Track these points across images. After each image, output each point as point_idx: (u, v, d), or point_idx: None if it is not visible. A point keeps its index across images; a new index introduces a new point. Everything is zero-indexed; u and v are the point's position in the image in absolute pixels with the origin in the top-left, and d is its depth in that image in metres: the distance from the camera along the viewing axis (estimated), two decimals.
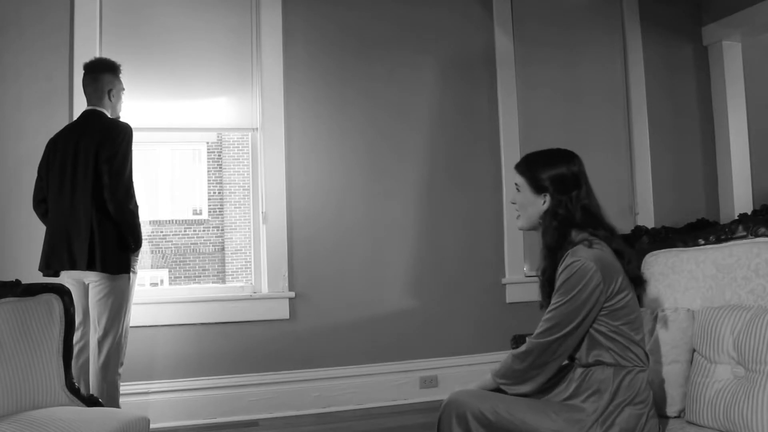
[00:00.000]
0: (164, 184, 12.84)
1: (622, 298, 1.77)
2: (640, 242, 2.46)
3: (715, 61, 4.61)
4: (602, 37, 4.48)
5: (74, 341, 2.43)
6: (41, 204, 2.96)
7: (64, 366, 2.21)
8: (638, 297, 1.88)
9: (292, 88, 3.78)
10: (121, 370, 2.87)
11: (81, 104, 3.07)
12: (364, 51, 3.94)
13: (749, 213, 2.23)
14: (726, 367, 1.82)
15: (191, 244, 12.89)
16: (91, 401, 2.25)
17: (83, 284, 2.85)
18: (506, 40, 4.21)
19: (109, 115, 2.95)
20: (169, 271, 12.57)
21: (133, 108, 3.41)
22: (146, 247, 7.04)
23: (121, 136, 2.81)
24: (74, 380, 2.26)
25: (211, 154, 13.32)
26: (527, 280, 4.03)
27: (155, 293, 5.44)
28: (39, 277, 2.73)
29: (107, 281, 2.78)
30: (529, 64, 4.28)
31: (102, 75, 2.95)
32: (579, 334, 1.77)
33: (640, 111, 4.45)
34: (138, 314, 3.24)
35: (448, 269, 3.98)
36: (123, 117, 3.05)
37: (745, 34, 4.47)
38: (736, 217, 2.19)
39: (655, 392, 1.86)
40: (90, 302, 2.83)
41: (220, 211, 13.16)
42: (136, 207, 2.85)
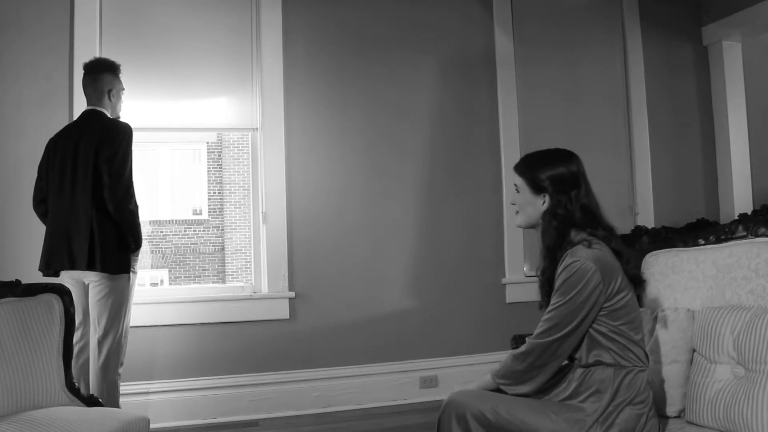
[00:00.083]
0: (164, 184, 12.84)
1: (621, 298, 1.77)
2: (640, 242, 2.46)
3: (715, 61, 4.61)
4: (602, 37, 4.48)
5: (74, 341, 2.43)
6: (41, 204, 2.96)
7: (64, 366, 2.20)
8: (638, 297, 1.88)
9: (292, 88, 3.78)
10: (121, 370, 2.87)
11: (81, 104, 3.07)
12: (364, 51, 3.94)
13: (749, 213, 2.24)
14: (726, 367, 1.82)
15: (191, 244, 12.89)
16: (91, 401, 2.25)
17: (83, 284, 2.85)
18: (506, 40, 4.21)
19: (109, 115, 2.95)
20: (169, 271, 12.57)
21: (133, 108, 3.41)
22: (146, 247, 7.04)
23: (121, 136, 2.81)
24: (74, 380, 2.26)
25: (211, 154, 13.32)
26: (527, 280, 4.03)
27: (155, 293, 5.44)
28: (39, 277, 2.73)
29: (107, 281, 2.78)
30: (529, 64, 4.28)
31: (102, 75, 2.95)
32: (579, 335, 1.77)
33: (640, 111, 4.45)
34: (138, 314, 3.24)
35: (448, 269, 3.98)
36: (123, 117, 3.05)
37: (745, 34, 4.47)
38: (736, 217, 2.19)
39: (655, 392, 1.86)
40: (90, 302, 2.83)
41: (220, 211, 13.16)
42: (136, 207, 2.84)
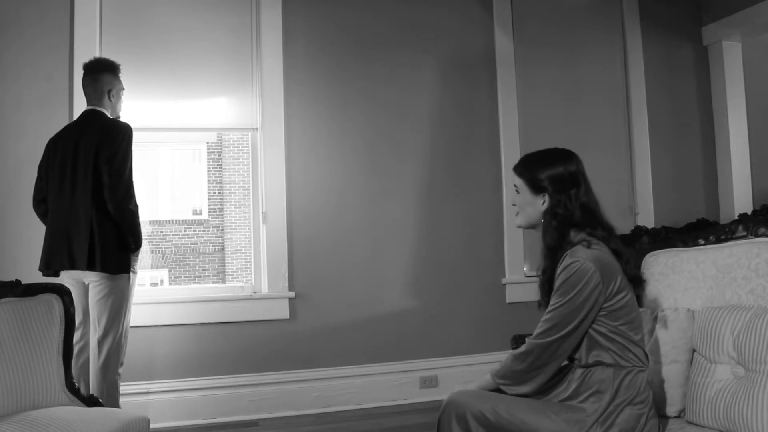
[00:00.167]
0: (164, 184, 12.84)
1: (621, 299, 1.77)
2: (640, 242, 2.46)
3: (715, 61, 4.61)
4: (602, 37, 4.48)
5: (74, 341, 2.43)
6: (41, 204, 2.96)
7: (64, 366, 2.20)
8: (637, 297, 1.88)
9: (292, 88, 3.78)
10: (121, 370, 2.87)
11: (81, 104, 3.07)
12: (364, 51, 3.94)
13: (749, 213, 2.24)
14: (726, 367, 1.82)
15: (191, 244, 12.89)
16: (91, 401, 2.25)
17: (83, 284, 2.85)
18: (506, 40, 4.21)
19: (109, 115, 2.95)
20: (169, 271, 12.57)
21: (133, 108, 3.41)
22: (146, 247, 7.04)
23: (121, 136, 2.81)
24: (74, 380, 2.26)
25: (211, 154, 13.32)
26: (527, 280, 4.03)
27: (155, 293, 5.44)
28: (39, 277, 2.73)
29: (107, 281, 2.78)
30: (529, 64, 4.28)
31: (102, 75, 2.94)
32: (578, 335, 1.77)
33: (640, 111, 4.45)
34: (138, 314, 3.24)
35: (448, 269, 3.98)
36: (123, 117, 3.05)
37: (745, 34, 4.47)
38: (736, 217, 2.19)
39: (655, 392, 1.86)
40: (90, 302, 2.83)
41: (220, 211, 13.16)
42: (136, 207, 2.84)
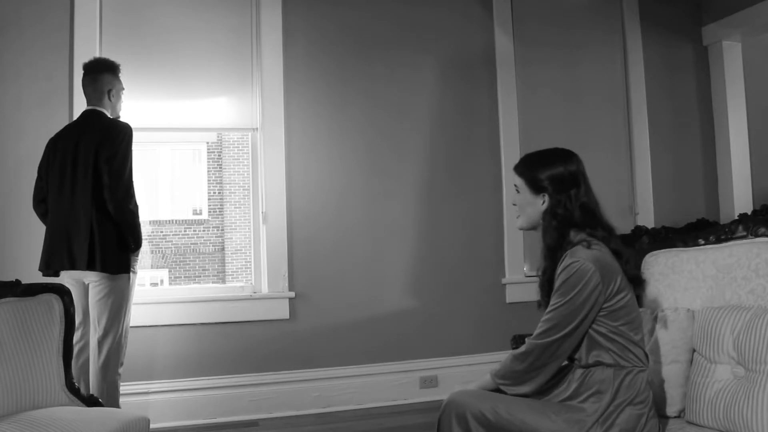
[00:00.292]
0: (164, 184, 12.84)
1: (621, 299, 1.77)
2: (640, 242, 2.46)
3: (715, 61, 4.61)
4: (602, 37, 4.48)
5: (74, 341, 2.43)
6: (41, 204, 2.96)
7: (64, 366, 2.20)
8: (637, 297, 1.88)
9: (292, 88, 3.78)
10: (121, 370, 2.87)
11: (81, 104, 3.07)
12: (364, 51, 3.94)
13: (749, 213, 2.23)
14: (726, 367, 1.82)
15: (191, 244, 12.89)
16: (91, 401, 2.25)
17: (83, 284, 2.85)
18: (506, 40, 4.21)
19: (109, 115, 2.95)
20: (169, 271, 12.57)
21: (133, 108, 3.41)
22: (146, 247, 7.04)
23: (121, 136, 2.81)
24: (74, 380, 2.26)
25: (211, 154, 13.32)
26: (527, 280, 4.03)
27: (155, 293, 5.44)
28: (39, 277, 2.73)
29: (107, 281, 2.78)
30: (529, 64, 4.28)
31: (101, 75, 2.94)
32: (578, 335, 1.77)
33: (640, 111, 4.45)
34: (138, 314, 3.24)
35: (448, 269, 3.98)
36: (123, 117, 3.05)
37: (745, 34, 4.47)
38: (736, 217, 2.19)
39: (655, 392, 1.86)
40: (90, 302, 2.83)
41: (220, 211, 13.16)
42: (136, 207, 2.84)
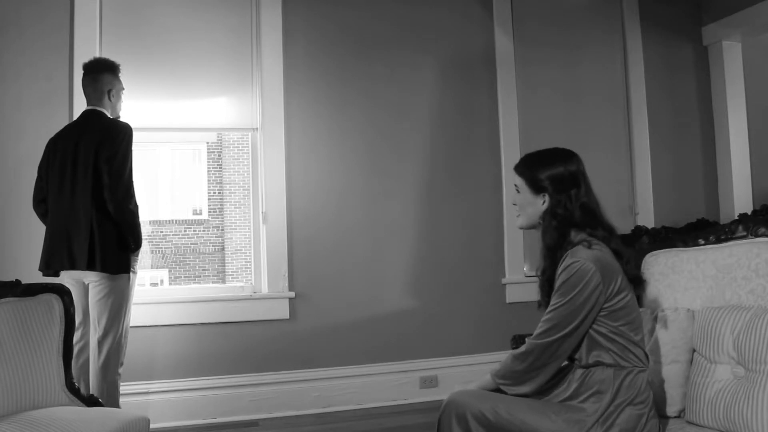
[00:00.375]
0: (164, 184, 12.84)
1: (621, 299, 1.77)
2: (640, 242, 2.46)
3: (715, 61, 4.61)
4: (602, 37, 4.48)
5: (74, 341, 2.43)
6: (41, 204, 2.96)
7: (64, 366, 2.20)
8: (638, 297, 1.88)
9: (292, 88, 3.78)
10: (121, 370, 2.87)
11: (81, 104, 3.07)
12: (364, 51, 3.94)
13: (749, 213, 2.23)
14: (726, 367, 1.82)
15: (191, 244, 12.89)
16: (91, 401, 2.25)
17: (83, 284, 2.85)
18: (506, 40, 4.21)
19: (109, 115, 2.95)
20: (169, 271, 12.57)
21: (133, 108, 3.41)
22: (146, 247, 7.04)
23: (121, 136, 2.81)
24: (74, 380, 2.26)
25: (211, 154, 13.32)
26: (527, 280, 4.03)
27: (155, 293, 5.44)
28: (39, 277, 2.73)
29: (107, 281, 2.78)
30: (529, 64, 4.28)
31: (101, 75, 2.94)
32: (578, 335, 1.77)
33: (640, 111, 4.45)
34: (138, 314, 3.24)
35: (448, 269, 3.98)
36: (123, 117, 3.04)
37: (745, 34, 4.47)
38: (736, 217, 2.19)
39: (655, 392, 1.86)
40: (90, 302, 2.83)
41: (220, 211, 13.16)
42: (136, 207, 2.84)
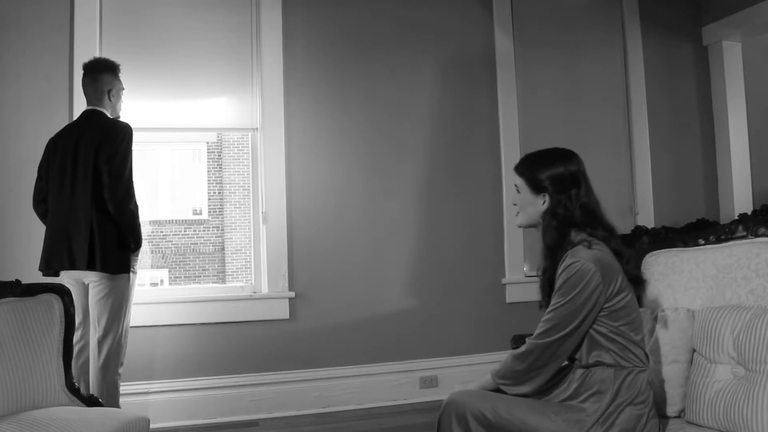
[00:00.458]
0: (164, 184, 12.84)
1: (621, 299, 1.77)
2: (640, 242, 2.46)
3: (715, 61, 4.61)
4: (602, 37, 4.48)
5: (74, 341, 2.43)
6: (41, 204, 2.96)
7: (64, 366, 2.20)
8: (638, 297, 1.88)
9: (292, 88, 3.78)
10: (121, 370, 2.87)
11: (81, 104, 3.07)
12: (364, 51, 3.94)
13: (749, 213, 2.23)
14: (726, 367, 1.82)
15: (191, 244, 12.89)
16: (91, 401, 2.25)
17: (83, 284, 2.85)
18: (506, 40, 4.21)
19: (109, 115, 2.94)
20: (169, 271, 12.57)
21: (133, 108, 3.41)
22: (146, 247, 7.04)
23: (121, 136, 2.81)
24: (74, 380, 2.26)
25: (211, 154, 13.32)
26: (527, 280, 4.03)
27: (155, 293, 5.44)
28: (39, 277, 2.73)
29: (107, 281, 2.78)
30: (529, 64, 4.28)
31: (101, 75, 2.94)
32: (579, 335, 1.77)
33: (640, 111, 4.45)
34: (138, 314, 3.24)
35: (448, 269, 3.98)
36: (123, 117, 3.04)
37: (745, 34, 4.47)
38: (736, 217, 2.19)
39: (655, 392, 1.86)
40: (90, 302, 2.83)
41: (220, 211, 13.16)
42: (136, 207, 2.84)
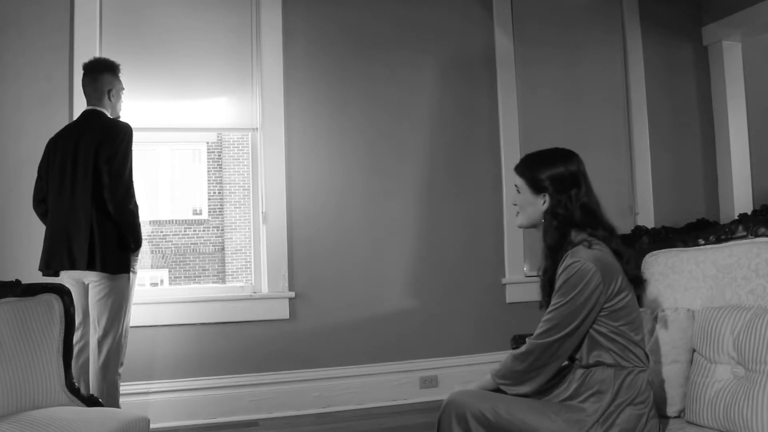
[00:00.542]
0: (164, 184, 12.84)
1: (621, 299, 1.77)
2: (640, 242, 2.46)
3: (715, 61, 4.61)
4: (602, 37, 4.48)
5: (74, 341, 2.43)
6: (41, 204, 2.96)
7: (64, 366, 2.20)
8: (638, 297, 1.88)
9: (292, 88, 3.78)
10: (121, 370, 2.87)
11: (81, 104, 3.07)
12: (364, 51, 3.94)
13: (749, 213, 2.23)
14: (726, 367, 1.82)
15: (191, 244, 12.89)
16: (91, 401, 2.25)
17: (83, 284, 2.85)
18: (506, 40, 4.21)
19: (109, 115, 2.95)
20: (169, 271, 12.57)
21: (133, 108, 3.41)
22: (146, 247, 7.04)
23: (121, 136, 2.81)
24: (74, 380, 2.26)
25: (211, 154, 13.32)
26: (527, 280, 4.03)
27: (155, 293, 5.44)
28: (39, 277, 2.73)
29: (107, 281, 2.78)
30: (529, 64, 4.28)
31: (101, 75, 2.94)
32: (579, 335, 1.77)
33: (640, 111, 4.45)
34: (138, 314, 3.24)
35: (448, 269, 3.98)
36: (123, 117, 3.04)
37: (745, 34, 4.47)
38: (736, 217, 2.19)
39: (655, 392, 1.86)
40: (90, 302, 2.83)
41: (220, 211, 13.16)
42: (136, 207, 2.84)
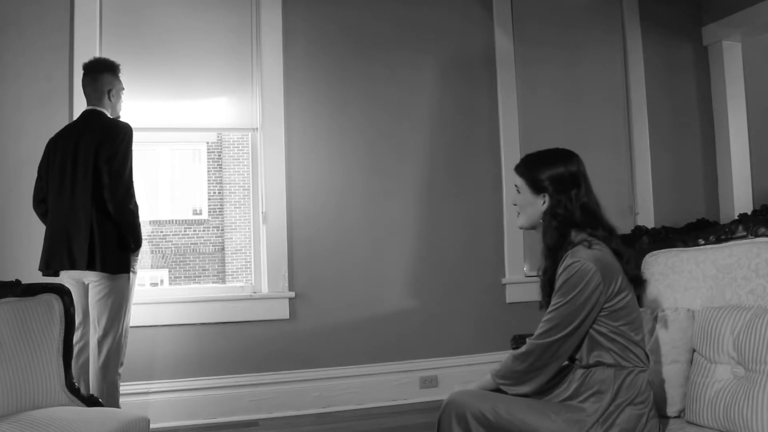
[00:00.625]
0: (164, 184, 12.84)
1: (621, 299, 1.77)
2: (640, 242, 2.46)
3: (715, 61, 4.61)
4: (602, 37, 4.48)
5: (74, 341, 2.43)
6: (41, 204, 2.96)
7: (64, 366, 2.20)
8: (638, 297, 1.88)
9: (292, 88, 3.78)
10: (121, 370, 2.87)
11: (81, 104, 3.07)
12: (364, 51, 3.94)
13: (749, 213, 2.23)
14: (726, 367, 1.82)
15: (191, 244, 12.89)
16: (91, 401, 2.25)
17: (83, 284, 2.85)
18: (506, 40, 4.21)
19: (109, 115, 2.95)
20: (169, 271, 12.57)
21: (133, 108, 3.41)
22: (146, 247, 7.04)
23: (121, 136, 2.81)
24: (74, 380, 2.26)
25: (211, 154, 13.32)
26: (527, 280, 4.03)
27: (155, 293, 5.44)
28: (39, 277, 2.73)
29: (107, 281, 2.78)
30: (529, 64, 4.28)
31: (101, 75, 2.94)
32: (579, 335, 1.77)
33: (640, 111, 4.45)
34: (138, 314, 3.24)
35: (448, 269, 3.98)
36: (123, 117, 3.04)
37: (745, 34, 4.47)
38: (736, 217, 2.19)
39: (655, 392, 1.86)
40: (90, 302, 2.83)
41: (220, 211, 13.16)
42: (136, 207, 2.84)
